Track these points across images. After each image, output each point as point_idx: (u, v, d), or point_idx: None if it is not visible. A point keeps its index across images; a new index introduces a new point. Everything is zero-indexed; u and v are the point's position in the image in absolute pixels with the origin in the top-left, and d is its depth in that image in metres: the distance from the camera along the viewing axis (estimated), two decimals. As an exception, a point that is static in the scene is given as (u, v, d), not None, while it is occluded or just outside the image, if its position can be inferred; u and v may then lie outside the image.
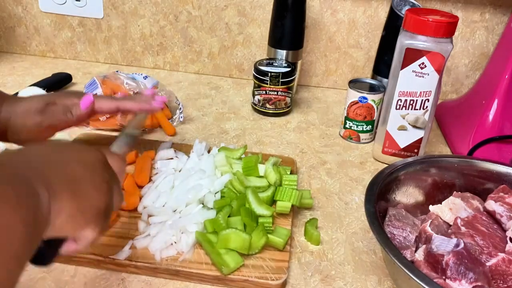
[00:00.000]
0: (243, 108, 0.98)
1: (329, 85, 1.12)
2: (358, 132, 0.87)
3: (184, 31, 1.09)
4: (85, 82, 1.03)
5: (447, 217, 0.58)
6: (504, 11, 0.98)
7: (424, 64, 0.71)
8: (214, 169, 0.69)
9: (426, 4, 0.99)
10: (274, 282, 0.54)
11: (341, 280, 0.57)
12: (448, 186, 0.63)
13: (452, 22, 0.68)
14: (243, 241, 0.55)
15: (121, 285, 0.54)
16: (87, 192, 0.39)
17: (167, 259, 0.55)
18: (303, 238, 0.63)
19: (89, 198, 0.39)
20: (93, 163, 0.42)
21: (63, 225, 0.36)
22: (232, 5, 1.05)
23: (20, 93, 0.91)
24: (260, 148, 0.84)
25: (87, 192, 0.39)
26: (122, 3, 1.08)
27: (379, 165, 0.81)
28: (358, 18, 1.03)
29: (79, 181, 0.39)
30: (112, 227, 0.60)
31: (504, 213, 0.56)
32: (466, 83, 1.07)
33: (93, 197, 0.40)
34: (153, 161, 0.72)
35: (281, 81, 0.91)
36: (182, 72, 1.15)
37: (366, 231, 0.65)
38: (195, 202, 0.62)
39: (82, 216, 0.38)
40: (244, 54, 1.11)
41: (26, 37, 1.15)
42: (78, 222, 0.38)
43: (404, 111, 0.75)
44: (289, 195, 0.64)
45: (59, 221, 0.35)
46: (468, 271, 0.46)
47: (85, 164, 0.41)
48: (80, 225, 0.39)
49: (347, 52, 1.07)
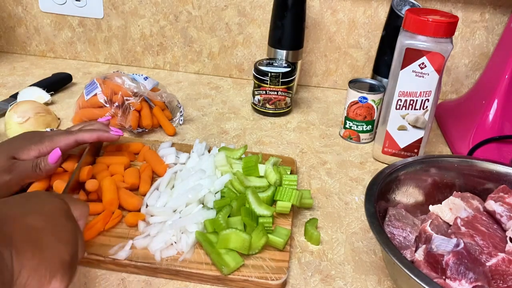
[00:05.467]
0: (243, 108, 0.99)
1: (329, 85, 1.12)
2: (358, 132, 0.87)
3: (184, 31, 1.09)
4: (85, 82, 1.03)
5: (447, 217, 0.58)
6: (504, 11, 0.98)
7: (424, 64, 0.71)
8: (214, 169, 0.69)
9: (426, 4, 0.99)
10: (274, 282, 0.54)
11: (341, 280, 0.57)
12: (448, 186, 0.63)
13: (452, 22, 0.68)
14: (243, 241, 0.55)
15: (121, 285, 0.54)
16: (50, 244, 0.39)
17: (167, 259, 0.55)
18: (303, 238, 0.63)
19: (53, 249, 0.39)
20: (54, 213, 0.42)
21: (28, 281, 0.36)
22: (232, 5, 1.05)
23: (20, 93, 0.91)
24: (260, 148, 0.84)
25: (50, 244, 0.39)
26: (122, 3, 1.08)
27: (379, 165, 0.81)
28: (358, 18, 1.03)
29: (41, 233, 0.38)
30: (112, 227, 0.60)
31: (504, 213, 0.56)
32: (466, 83, 1.07)
33: (57, 248, 0.39)
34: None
35: (281, 81, 0.91)
36: (182, 72, 1.15)
37: (366, 231, 0.65)
38: (195, 202, 0.62)
39: (47, 269, 0.37)
40: (244, 54, 1.11)
41: (26, 37, 1.15)
42: (43, 275, 0.37)
43: (404, 111, 0.75)
44: (289, 195, 0.64)
45: (24, 277, 0.35)
46: (468, 271, 0.46)
47: (46, 215, 0.41)
48: (46, 278, 0.37)
49: (347, 52, 1.07)
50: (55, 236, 0.40)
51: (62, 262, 0.39)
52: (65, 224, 0.42)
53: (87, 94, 0.84)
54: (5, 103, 0.89)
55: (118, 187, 0.64)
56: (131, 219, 0.60)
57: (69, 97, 0.98)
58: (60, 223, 0.41)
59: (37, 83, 0.97)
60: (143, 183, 0.67)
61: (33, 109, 0.81)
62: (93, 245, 0.56)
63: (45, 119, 0.82)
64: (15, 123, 0.78)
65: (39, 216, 0.40)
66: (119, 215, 0.61)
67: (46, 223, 0.40)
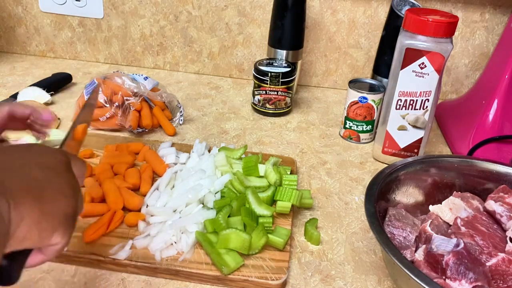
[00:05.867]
0: (243, 108, 0.99)
1: (329, 85, 1.12)
2: (358, 132, 0.87)
3: (184, 31, 1.09)
4: (85, 82, 1.03)
5: (447, 217, 0.58)
6: (504, 11, 0.98)
7: (424, 64, 0.71)
8: (214, 169, 0.69)
9: (426, 4, 0.99)
10: (274, 282, 0.54)
11: (341, 280, 0.57)
12: (448, 186, 0.63)
13: (452, 22, 0.68)
14: (243, 241, 0.55)
15: (121, 285, 0.54)
16: (52, 196, 0.37)
17: (167, 259, 0.55)
18: (303, 238, 0.63)
19: (54, 202, 0.37)
20: (55, 165, 0.40)
21: (28, 234, 0.34)
22: (232, 5, 1.05)
23: (20, 93, 0.91)
24: (260, 148, 0.84)
25: (52, 196, 0.37)
26: (122, 3, 1.08)
27: (379, 165, 0.81)
28: (358, 18, 1.03)
29: (42, 185, 0.36)
30: (112, 227, 0.60)
31: (504, 213, 0.56)
32: (466, 83, 1.07)
33: (59, 201, 0.37)
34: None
35: (281, 81, 0.91)
36: (182, 72, 1.15)
37: (366, 231, 0.65)
38: (195, 202, 0.62)
39: (48, 222, 0.36)
40: (244, 54, 1.11)
41: (26, 37, 1.15)
42: (44, 229, 0.35)
43: (404, 111, 0.75)
44: (289, 195, 0.64)
45: (23, 230, 0.33)
46: (468, 271, 0.46)
47: (47, 167, 0.38)
48: (47, 231, 0.36)
49: (347, 52, 1.07)
50: (57, 188, 0.38)
51: (64, 215, 0.37)
52: (66, 177, 0.40)
53: (87, 94, 0.84)
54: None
55: (119, 187, 0.64)
56: (131, 219, 0.60)
57: (69, 97, 0.98)
58: (61, 176, 0.39)
59: (37, 83, 0.97)
60: (144, 183, 0.67)
61: (33, 109, 0.81)
62: (93, 245, 0.56)
63: (45, 119, 0.82)
64: (15, 123, 0.78)
65: (39, 167, 0.38)
66: (122, 216, 0.61)
67: (47, 175, 0.38)
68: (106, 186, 0.63)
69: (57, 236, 0.36)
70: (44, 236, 0.36)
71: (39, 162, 0.38)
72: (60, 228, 0.37)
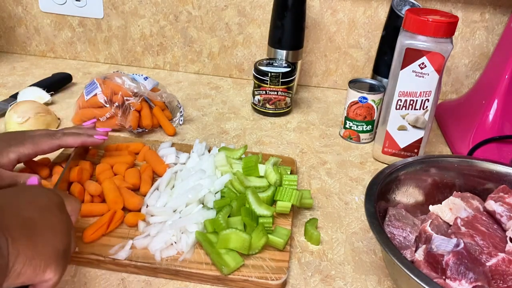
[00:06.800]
0: (243, 108, 0.99)
1: (329, 85, 1.12)
2: (358, 132, 0.87)
3: (184, 31, 1.09)
4: (85, 82, 1.03)
5: (447, 217, 0.58)
6: (504, 11, 0.98)
7: (424, 64, 0.71)
8: (214, 169, 0.69)
9: (426, 4, 0.99)
10: (274, 282, 0.54)
11: (341, 280, 0.57)
12: (448, 186, 0.63)
13: (452, 22, 0.68)
14: (243, 241, 0.55)
15: (121, 285, 0.54)
16: (44, 234, 0.40)
17: (167, 259, 0.55)
18: (303, 238, 0.63)
19: (47, 240, 0.40)
20: (49, 205, 0.43)
21: (23, 269, 0.37)
22: (232, 5, 1.05)
23: (20, 93, 0.91)
24: (260, 148, 0.84)
25: (44, 234, 0.40)
26: (122, 3, 1.08)
27: (379, 165, 0.81)
28: (358, 18, 1.03)
29: (35, 224, 0.39)
30: (112, 227, 0.60)
31: (504, 213, 0.56)
32: (466, 83, 1.07)
33: (52, 239, 0.40)
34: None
35: (281, 81, 0.91)
36: (182, 72, 1.15)
37: (366, 231, 0.65)
38: (195, 202, 0.62)
39: (41, 259, 0.38)
40: (244, 54, 1.11)
41: (26, 37, 1.15)
42: (38, 265, 0.38)
43: (404, 111, 0.75)
44: (289, 195, 0.64)
45: (19, 266, 0.36)
46: (468, 271, 0.46)
47: (41, 207, 0.42)
48: (40, 268, 0.38)
49: (347, 52, 1.07)
50: (50, 227, 0.41)
51: (56, 252, 0.40)
52: (59, 216, 0.43)
53: (87, 94, 0.84)
54: (5, 103, 0.89)
55: (119, 187, 0.64)
56: (131, 219, 0.60)
57: (69, 97, 0.98)
58: (54, 215, 0.43)
59: (37, 83, 0.97)
60: (144, 183, 0.67)
61: (33, 109, 0.81)
62: (93, 245, 0.56)
63: (45, 119, 0.82)
64: (15, 123, 0.78)
65: (34, 207, 0.41)
66: (122, 216, 0.61)
67: (40, 215, 0.41)
68: (106, 186, 0.63)
69: (49, 272, 0.39)
70: (38, 272, 0.38)
71: (33, 203, 0.42)
72: (52, 264, 0.40)
